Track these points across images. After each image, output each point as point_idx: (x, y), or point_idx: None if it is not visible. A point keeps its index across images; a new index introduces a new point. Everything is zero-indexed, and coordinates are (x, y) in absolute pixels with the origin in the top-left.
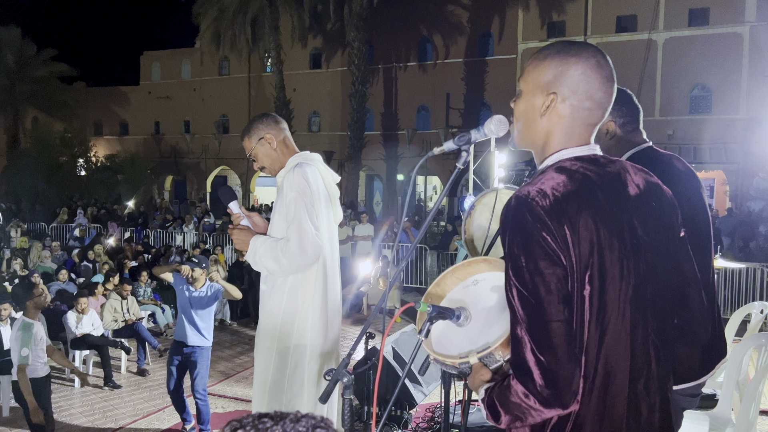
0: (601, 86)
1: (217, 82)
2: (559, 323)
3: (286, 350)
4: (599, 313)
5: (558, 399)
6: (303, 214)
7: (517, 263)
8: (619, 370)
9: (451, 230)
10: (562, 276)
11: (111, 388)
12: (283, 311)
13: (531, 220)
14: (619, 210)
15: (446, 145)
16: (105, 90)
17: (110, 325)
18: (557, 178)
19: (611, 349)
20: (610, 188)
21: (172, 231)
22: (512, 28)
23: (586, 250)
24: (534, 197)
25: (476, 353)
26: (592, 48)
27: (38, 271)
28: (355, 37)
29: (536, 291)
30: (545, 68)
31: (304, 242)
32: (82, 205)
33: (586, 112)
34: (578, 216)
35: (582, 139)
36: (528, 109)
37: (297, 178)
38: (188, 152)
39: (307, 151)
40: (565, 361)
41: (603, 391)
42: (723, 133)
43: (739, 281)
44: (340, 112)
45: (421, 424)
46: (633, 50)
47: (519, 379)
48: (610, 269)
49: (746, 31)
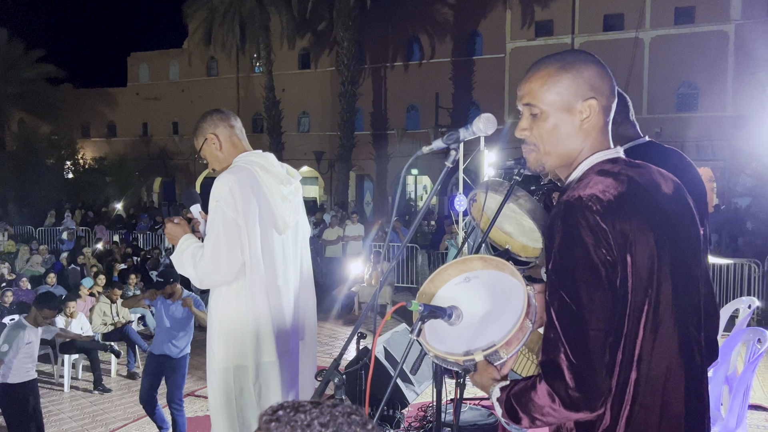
0: (611, 82)
1: (206, 83)
2: (598, 332)
3: (226, 371)
4: (654, 313)
5: (587, 402)
6: (220, 226)
7: (563, 270)
8: (672, 367)
9: (439, 228)
10: (608, 285)
11: (101, 392)
12: (217, 330)
13: (584, 227)
14: (663, 211)
15: (435, 144)
16: (92, 91)
17: (99, 328)
18: (604, 181)
19: (665, 348)
20: (652, 189)
21: (161, 233)
22: (500, 28)
23: (643, 251)
24: (587, 202)
25: (482, 351)
26: (585, 51)
27: (26, 275)
28: (344, 37)
29: (579, 299)
30: (566, 79)
31: (218, 257)
32: (69, 207)
33: (610, 110)
34: (632, 217)
35: (608, 141)
36: (559, 125)
37: (219, 186)
38: (177, 153)
39: (259, 151)
40: (598, 367)
41: (659, 388)
42: (710, 130)
43: (728, 277)
44: (330, 112)
45: (414, 424)
46: (620, 49)
47: (548, 381)
48: (663, 269)
49: (732, 29)
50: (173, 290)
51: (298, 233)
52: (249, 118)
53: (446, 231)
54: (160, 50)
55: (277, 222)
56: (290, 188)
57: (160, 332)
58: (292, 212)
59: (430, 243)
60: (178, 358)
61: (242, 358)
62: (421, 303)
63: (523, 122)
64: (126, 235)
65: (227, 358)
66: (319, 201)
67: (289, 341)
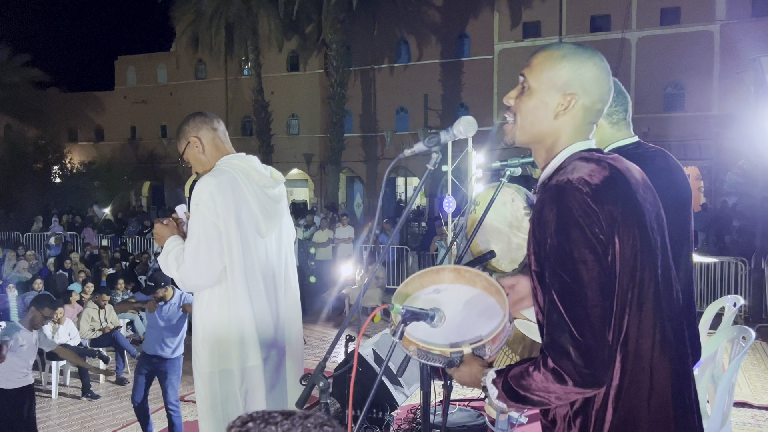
0: (609, 90)
1: (194, 86)
2: (599, 308)
3: (212, 376)
4: (639, 292)
5: (595, 378)
6: (200, 230)
7: (561, 251)
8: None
9: (430, 230)
10: (603, 263)
11: (89, 399)
12: (201, 334)
13: (577, 207)
14: (640, 196)
15: (416, 147)
16: (80, 95)
17: (87, 334)
18: (588, 166)
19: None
20: (630, 175)
21: (150, 237)
22: (488, 29)
23: (627, 233)
24: (577, 184)
25: (470, 344)
26: (600, 54)
27: (13, 280)
28: (332, 40)
29: (579, 277)
30: (563, 68)
31: (197, 261)
32: (57, 213)
33: (595, 113)
34: (617, 200)
35: (587, 135)
36: (539, 106)
37: (201, 190)
38: (165, 157)
39: (242, 153)
40: (603, 343)
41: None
42: (696, 129)
43: (715, 275)
44: (319, 115)
45: (403, 426)
46: (607, 49)
47: (555, 362)
48: (644, 249)
49: (717, 30)
50: (165, 293)
51: (282, 236)
52: (238, 121)
53: (436, 232)
54: (148, 53)
55: (259, 225)
56: (274, 191)
57: (152, 333)
58: (276, 215)
59: (421, 244)
60: (172, 359)
61: (227, 362)
62: (404, 305)
63: (513, 91)
64: (114, 240)
65: (212, 363)
66: (309, 203)
67: (273, 346)
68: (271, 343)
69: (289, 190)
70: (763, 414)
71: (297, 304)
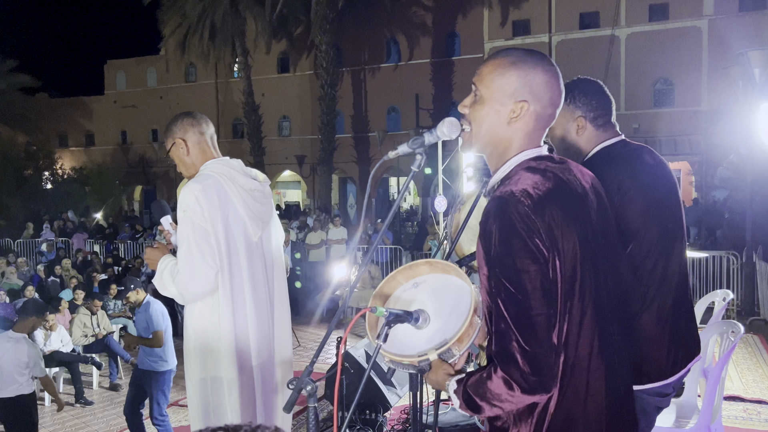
0: (559, 93)
1: (184, 89)
2: (543, 316)
3: (203, 383)
4: (580, 301)
5: (543, 385)
6: (191, 235)
7: (504, 262)
8: (594, 352)
9: (422, 230)
10: (546, 272)
11: (83, 405)
12: (193, 340)
13: (518, 219)
14: (583, 205)
15: (401, 149)
16: (69, 101)
17: (80, 340)
18: (533, 177)
19: (588, 334)
20: (573, 185)
21: (143, 242)
22: (477, 28)
23: (569, 243)
24: (519, 197)
25: (435, 350)
26: (548, 57)
27: (4, 288)
28: (322, 41)
29: (523, 287)
30: (512, 76)
31: (193, 267)
32: (48, 219)
33: (547, 118)
34: (559, 211)
35: (538, 141)
36: (491, 115)
37: (185, 196)
38: (157, 161)
39: (226, 158)
40: (548, 350)
41: (584, 372)
42: (686, 125)
43: (706, 269)
44: (311, 116)
45: (396, 427)
46: (596, 46)
47: (504, 369)
48: (586, 259)
49: (705, 25)
50: (136, 296)
51: (271, 238)
52: (229, 123)
53: (428, 232)
54: (137, 57)
55: (247, 229)
56: (259, 193)
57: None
58: (263, 217)
59: (413, 244)
60: (158, 372)
61: (217, 369)
62: (387, 308)
63: (467, 99)
64: (107, 245)
65: (203, 369)
66: (302, 205)
67: (264, 350)
68: (262, 347)
69: (282, 192)
70: (755, 407)
71: (286, 306)
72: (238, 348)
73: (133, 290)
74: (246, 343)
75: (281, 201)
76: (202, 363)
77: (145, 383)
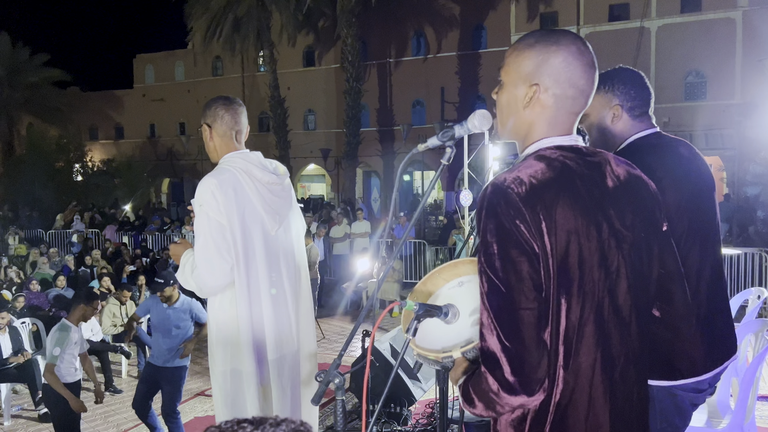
0: (583, 73)
1: (212, 83)
2: (528, 311)
3: (224, 375)
4: (577, 302)
5: (524, 386)
6: (206, 229)
7: (489, 250)
8: (596, 358)
9: (447, 224)
10: (533, 265)
11: (112, 393)
12: (215, 332)
13: (505, 208)
14: (597, 200)
15: (430, 142)
16: (99, 94)
17: (109, 330)
18: (536, 165)
19: (589, 338)
20: (589, 178)
21: (171, 234)
22: (504, 20)
23: (563, 238)
24: (509, 184)
25: (460, 348)
26: (572, 35)
27: (36, 278)
28: (348, 34)
29: (507, 279)
30: (526, 58)
31: (210, 261)
32: (79, 210)
33: (569, 101)
34: (555, 204)
35: (565, 129)
36: (510, 100)
37: (202, 190)
38: (184, 154)
39: (245, 150)
40: (532, 349)
41: (583, 378)
42: (718, 118)
43: (738, 267)
44: (336, 110)
45: (421, 420)
46: (626, 39)
47: (486, 367)
48: (588, 258)
49: (739, 16)
50: (172, 292)
51: (291, 231)
52: (255, 117)
53: (455, 225)
54: (165, 51)
55: (264, 223)
56: (278, 187)
57: (157, 340)
58: (281, 211)
59: (439, 238)
60: (179, 368)
61: (238, 362)
62: (416, 302)
63: (497, 87)
64: (135, 237)
65: (224, 362)
66: (326, 198)
67: (285, 343)
68: (281, 341)
69: (306, 186)
70: None
71: (309, 298)
72: (256, 341)
73: (171, 285)
74: (263, 337)
75: (306, 194)
76: (223, 355)
77: (162, 379)
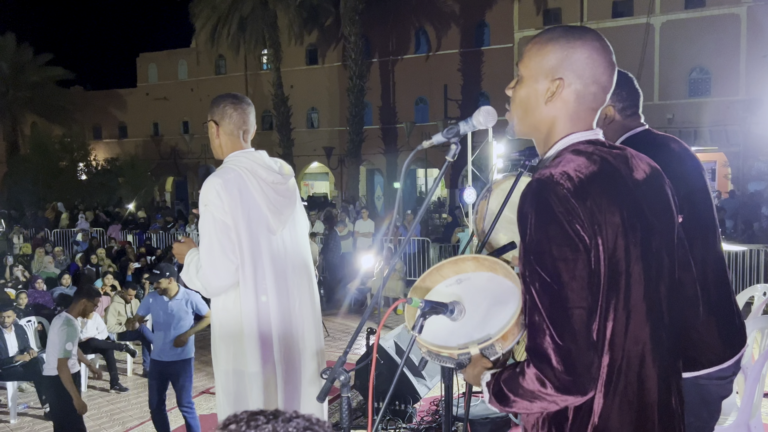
0: (605, 70)
1: (215, 82)
2: (581, 310)
3: (226, 374)
4: (626, 296)
5: (577, 386)
6: (211, 229)
7: (540, 248)
8: (645, 352)
9: (451, 221)
10: (586, 261)
11: (117, 391)
12: (218, 331)
13: (557, 203)
14: (633, 193)
15: (435, 138)
16: (103, 93)
17: (114, 328)
18: (576, 160)
19: (638, 332)
20: (624, 172)
21: (175, 232)
22: (507, 17)
23: (612, 232)
24: (558, 179)
25: (477, 344)
26: (594, 32)
27: (41, 276)
28: (351, 32)
29: (559, 277)
30: (549, 53)
31: (214, 261)
32: (83, 209)
33: (591, 97)
34: (602, 197)
35: (587, 124)
36: (531, 95)
37: (206, 190)
38: (188, 153)
39: (251, 149)
40: (585, 348)
41: (634, 374)
42: (723, 115)
43: (743, 263)
44: (339, 107)
45: (426, 418)
46: (630, 35)
47: (536, 366)
48: (633, 251)
49: (744, 12)
50: (168, 285)
51: (296, 230)
52: (258, 115)
53: (458, 223)
54: (168, 50)
55: (269, 223)
56: (283, 186)
57: (160, 336)
58: (286, 210)
59: (443, 236)
60: (185, 361)
61: (240, 361)
62: (423, 299)
63: (513, 82)
64: (139, 235)
65: (227, 361)
66: (330, 196)
67: (289, 342)
68: (286, 341)
69: (310, 184)
70: None
71: (314, 297)
72: (260, 341)
73: (167, 277)
74: (268, 337)
75: (309, 192)
76: (226, 355)
77: (170, 373)
